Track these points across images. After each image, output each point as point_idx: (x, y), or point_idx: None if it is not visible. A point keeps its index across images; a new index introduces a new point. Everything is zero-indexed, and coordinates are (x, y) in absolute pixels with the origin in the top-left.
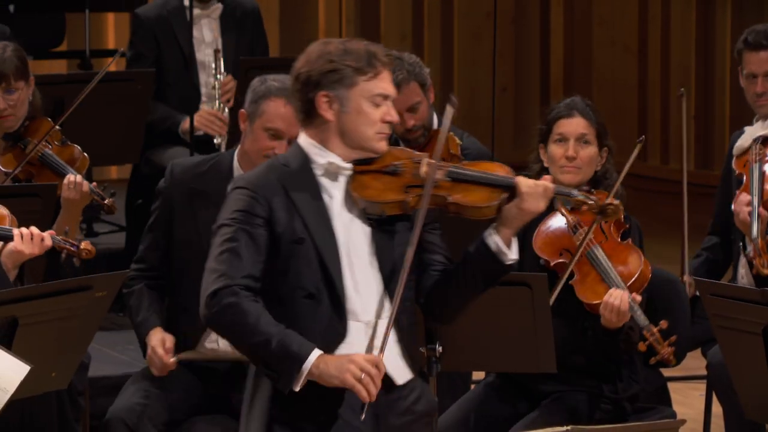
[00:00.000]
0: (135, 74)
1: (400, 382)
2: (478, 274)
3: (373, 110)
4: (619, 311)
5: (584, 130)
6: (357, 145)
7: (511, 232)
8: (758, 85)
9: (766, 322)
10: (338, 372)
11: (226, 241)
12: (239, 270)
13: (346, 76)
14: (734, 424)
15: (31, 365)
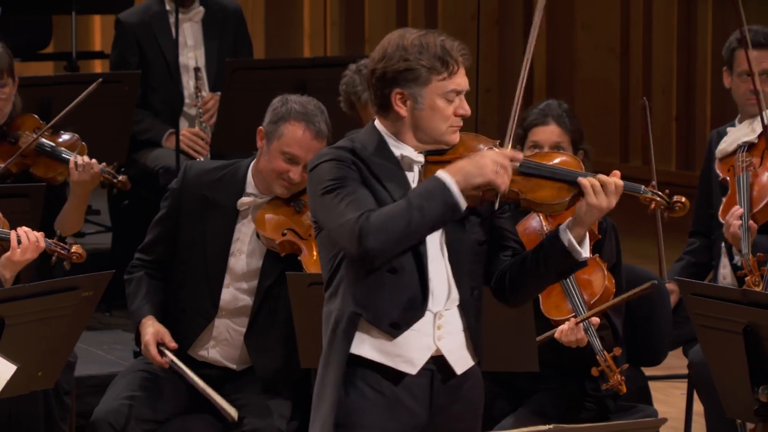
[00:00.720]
0: (122, 76)
1: (459, 371)
2: (551, 268)
3: (447, 106)
4: (576, 342)
5: (558, 138)
6: (430, 138)
7: (584, 229)
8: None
9: (747, 321)
10: (479, 170)
11: (343, 198)
12: (366, 207)
13: (420, 75)
14: (715, 422)
15: (17, 365)
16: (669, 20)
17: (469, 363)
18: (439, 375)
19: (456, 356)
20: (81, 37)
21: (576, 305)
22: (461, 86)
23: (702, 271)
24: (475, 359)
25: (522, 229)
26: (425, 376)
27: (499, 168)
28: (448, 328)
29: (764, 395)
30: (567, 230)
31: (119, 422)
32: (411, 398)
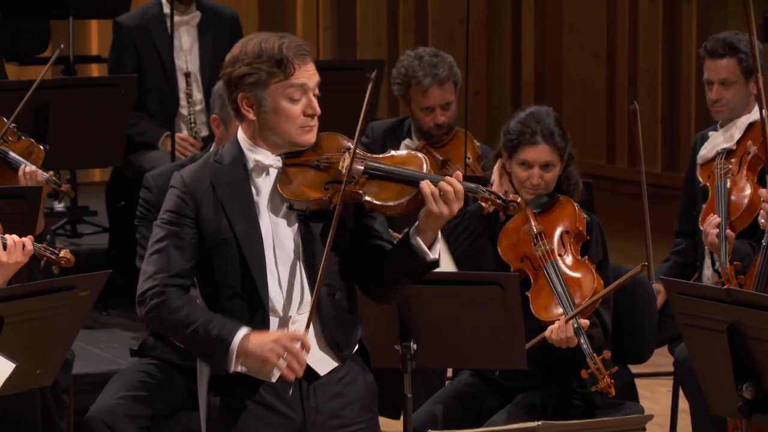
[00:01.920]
0: (118, 79)
1: (322, 372)
2: (402, 268)
3: (291, 106)
4: (567, 342)
5: (548, 158)
6: (282, 141)
7: (432, 234)
8: (713, 92)
9: (731, 320)
10: (260, 351)
11: (156, 242)
12: (166, 270)
13: (260, 79)
14: (700, 418)
15: (16, 363)
16: (654, 24)
17: (332, 364)
18: (304, 377)
19: (315, 358)
20: (78, 41)
21: (565, 306)
22: (303, 82)
23: (688, 271)
24: (338, 361)
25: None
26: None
27: (285, 354)
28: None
29: (748, 392)
30: (416, 234)
31: (113, 420)
32: (281, 402)
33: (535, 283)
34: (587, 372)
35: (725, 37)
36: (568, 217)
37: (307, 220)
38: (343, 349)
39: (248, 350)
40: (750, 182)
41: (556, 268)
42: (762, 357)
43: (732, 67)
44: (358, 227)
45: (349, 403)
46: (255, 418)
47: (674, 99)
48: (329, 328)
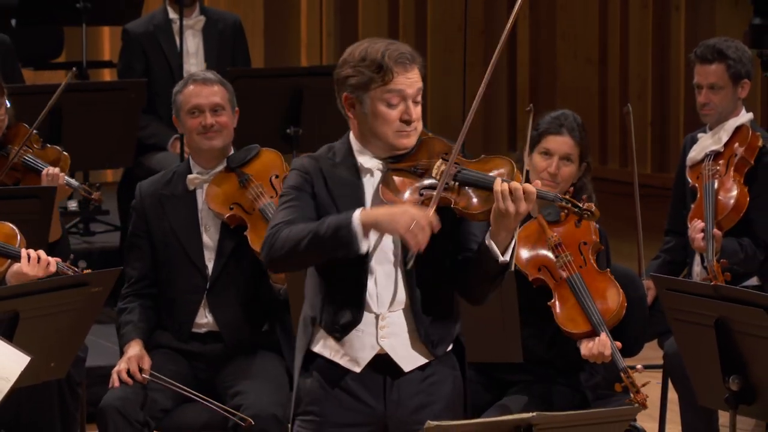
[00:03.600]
0: (128, 84)
1: (407, 369)
2: (482, 271)
3: (388, 111)
4: (603, 357)
5: (570, 150)
6: (381, 143)
7: (504, 236)
8: (702, 96)
9: (718, 315)
10: (391, 219)
11: (287, 201)
12: (290, 217)
13: (361, 81)
14: (689, 409)
15: (31, 356)
16: (644, 31)
17: (419, 360)
18: (388, 371)
19: (401, 355)
20: (91, 47)
21: (595, 322)
22: (400, 89)
23: (677, 268)
24: (428, 357)
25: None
26: (377, 372)
27: (415, 227)
28: (392, 328)
29: (734, 384)
30: (489, 236)
31: (126, 409)
32: (365, 392)
33: (557, 295)
34: (621, 385)
35: (714, 43)
36: (584, 228)
37: None
38: (437, 345)
39: (371, 216)
40: (737, 183)
41: (580, 281)
42: (748, 350)
43: (720, 72)
44: (459, 232)
45: (432, 402)
46: (339, 402)
47: (664, 102)
48: (423, 325)
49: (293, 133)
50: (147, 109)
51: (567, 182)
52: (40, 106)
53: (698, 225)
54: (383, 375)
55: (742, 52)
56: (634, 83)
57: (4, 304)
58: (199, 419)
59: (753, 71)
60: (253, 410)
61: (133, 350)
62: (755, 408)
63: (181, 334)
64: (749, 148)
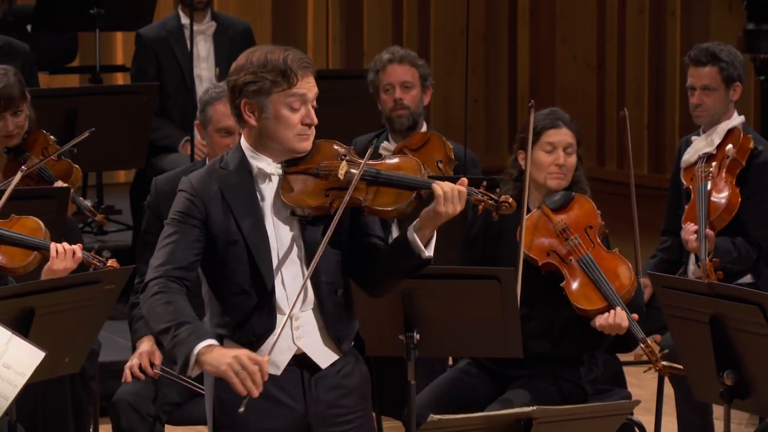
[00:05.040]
0: (140, 87)
1: (324, 366)
2: (398, 263)
3: (291, 114)
4: (619, 329)
5: (571, 140)
6: (281, 147)
7: (430, 231)
8: (695, 97)
9: (713, 312)
10: (218, 363)
11: (164, 238)
12: (171, 262)
13: (263, 87)
14: (684, 404)
15: (45, 351)
16: (641, 37)
17: (333, 357)
18: (306, 370)
19: (318, 353)
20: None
21: (610, 296)
22: (303, 93)
23: (673, 266)
24: (339, 353)
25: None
26: (294, 373)
27: (240, 371)
28: (306, 327)
29: (729, 379)
30: (413, 230)
31: (138, 403)
32: (285, 394)
33: (569, 276)
34: (640, 356)
35: (708, 46)
36: (589, 212)
37: (308, 224)
38: (343, 342)
39: (206, 360)
40: (728, 184)
41: (591, 260)
42: (742, 346)
43: (713, 74)
44: (354, 226)
45: (347, 393)
46: (259, 410)
47: (660, 106)
48: (331, 323)
49: None
50: (159, 111)
51: (572, 172)
52: (55, 109)
53: (691, 227)
54: (300, 374)
55: (734, 56)
56: (631, 87)
57: (19, 301)
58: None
59: (745, 75)
60: None
61: (145, 346)
62: (749, 402)
63: None
64: (741, 150)
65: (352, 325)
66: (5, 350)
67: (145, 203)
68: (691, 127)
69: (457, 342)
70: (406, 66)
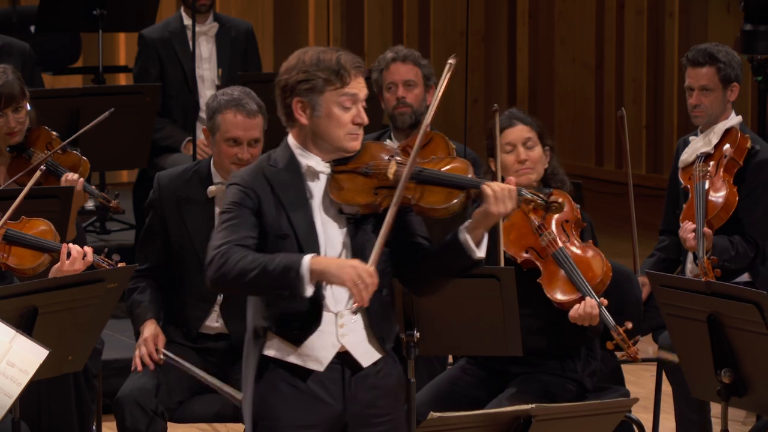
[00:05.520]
0: (144, 88)
1: (365, 364)
2: (450, 265)
3: (342, 113)
4: (591, 318)
5: (528, 134)
6: (330, 146)
7: (481, 232)
8: (693, 98)
9: (710, 310)
10: (339, 272)
11: (223, 223)
12: (230, 238)
13: (316, 85)
14: (682, 401)
15: (49, 349)
16: (639, 38)
17: (375, 356)
18: (347, 368)
19: (360, 351)
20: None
21: (582, 287)
22: (355, 92)
23: (671, 265)
24: (382, 352)
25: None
26: (335, 370)
27: (359, 281)
28: (351, 326)
29: (726, 377)
30: (465, 231)
31: (143, 399)
32: (324, 391)
33: (545, 270)
34: (612, 343)
35: (706, 47)
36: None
37: (356, 222)
38: (386, 342)
39: (321, 265)
40: (726, 183)
41: (565, 253)
42: (739, 344)
43: (711, 75)
44: (400, 225)
45: (384, 394)
46: (297, 404)
47: (658, 106)
48: (376, 322)
49: None
50: (162, 111)
51: (539, 165)
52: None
53: (689, 226)
54: (342, 372)
55: (731, 57)
56: (630, 88)
57: (23, 300)
58: (211, 410)
59: (742, 75)
60: None
61: (148, 330)
62: (746, 400)
63: (189, 335)
64: (738, 149)
65: (395, 325)
66: (9, 348)
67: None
68: (689, 127)
69: (456, 340)
70: (409, 65)
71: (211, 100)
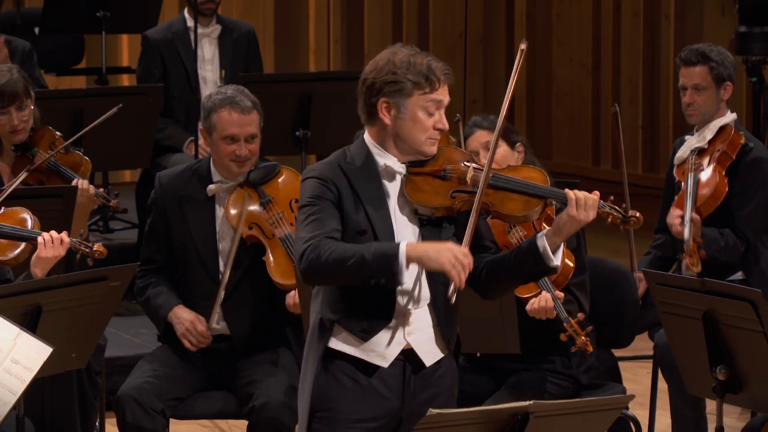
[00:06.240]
0: (146, 89)
1: (428, 363)
2: (524, 270)
3: (426, 118)
4: (546, 311)
5: (486, 138)
6: (410, 148)
7: (561, 239)
8: (687, 96)
9: (706, 308)
10: (437, 255)
11: (309, 215)
12: (319, 230)
13: (405, 87)
14: (678, 398)
15: (53, 347)
16: (635, 39)
17: (438, 355)
18: (410, 366)
19: (425, 350)
20: (110, 54)
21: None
22: (441, 99)
23: (667, 263)
24: (444, 351)
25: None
26: (397, 367)
27: (456, 264)
28: (418, 324)
29: (721, 374)
30: (544, 238)
31: (143, 397)
32: (384, 387)
33: None
34: (565, 335)
35: (698, 47)
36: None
37: (429, 223)
38: (451, 340)
39: (418, 250)
40: (717, 173)
41: None
42: (734, 342)
43: (704, 73)
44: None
45: (440, 393)
46: (357, 397)
47: (654, 107)
48: (442, 322)
49: (302, 136)
50: (164, 112)
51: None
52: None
53: (676, 212)
54: (403, 369)
55: (724, 56)
56: (626, 88)
57: (27, 298)
58: (212, 407)
59: (735, 75)
60: (264, 398)
61: (187, 313)
62: (741, 396)
63: None
64: (731, 143)
65: (457, 325)
66: (14, 346)
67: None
68: (684, 127)
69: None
70: None
71: (205, 100)
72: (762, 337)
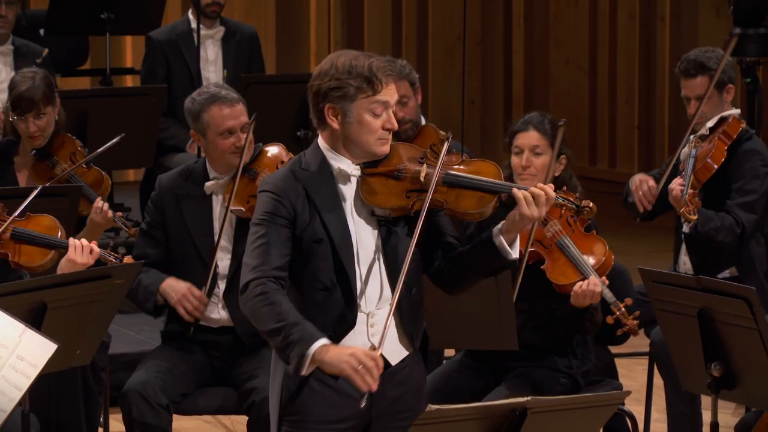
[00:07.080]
0: (150, 89)
1: (394, 362)
2: (483, 265)
3: (373, 120)
4: (592, 296)
5: (537, 142)
6: (361, 151)
7: (515, 234)
8: (691, 107)
9: (701, 305)
10: (338, 362)
11: (258, 239)
12: (266, 263)
13: (348, 93)
14: (673, 394)
15: (58, 344)
16: (631, 41)
17: (403, 353)
18: None
19: (390, 349)
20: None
21: (583, 268)
22: (386, 100)
23: None
24: (409, 349)
25: None
26: None
27: (360, 367)
28: (381, 325)
29: (716, 370)
30: (500, 234)
31: (148, 392)
32: (352, 387)
33: (549, 258)
34: (612, 318)
35: (695, 57)
36: None
37: (387, 224)
38: (415, 340)
39: (324, 360)
40: (716, 144)
41: (568, 240)
42: (729, 339)
43: (705, 83)
44: (430, 226)
45: (408, 391)
46: (325, 400)
47: (650, 107)
48: (406, 321)
49: (303, 136)
50: (167, 112)
51: (543, 173)
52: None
53: (679, 180)
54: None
55: (721, 60)
56: (622, 89)
57: (32, 295)
58: (214, 402)
59: (735, 75)
60: (264, 393)
61: (180, 283)
62: (735, 393)
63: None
64: (732, 125)
65: (423, 322)
66: (19, 342)
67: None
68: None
69: (454, 335)
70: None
71: (189, 104)
72: (756, 335)
